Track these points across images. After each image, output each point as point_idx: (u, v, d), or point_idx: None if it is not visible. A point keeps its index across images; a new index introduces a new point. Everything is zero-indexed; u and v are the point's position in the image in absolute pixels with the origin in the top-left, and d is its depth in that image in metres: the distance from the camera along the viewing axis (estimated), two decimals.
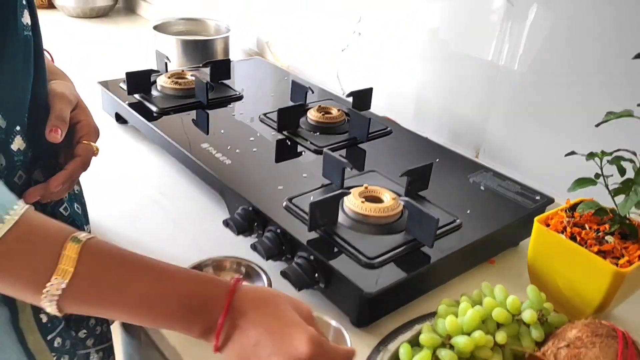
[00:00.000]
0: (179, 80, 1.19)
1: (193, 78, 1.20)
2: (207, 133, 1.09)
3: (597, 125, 0.75)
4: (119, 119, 1.23)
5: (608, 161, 0.75)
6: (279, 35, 1.63)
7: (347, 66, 1.43)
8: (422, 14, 1.23)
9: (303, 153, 1.03)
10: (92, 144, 0.70)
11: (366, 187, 0.86)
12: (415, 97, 1.29)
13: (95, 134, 0.72)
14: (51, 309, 0.49)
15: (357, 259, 0.74)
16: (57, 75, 0.74)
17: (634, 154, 0.75)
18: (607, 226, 0.76)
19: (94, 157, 0.70)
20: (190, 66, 1.39)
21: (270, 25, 1.65)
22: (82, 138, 0.69)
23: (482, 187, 0.95)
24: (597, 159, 0.76)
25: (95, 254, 0.51)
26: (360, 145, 1.07)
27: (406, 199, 0.81)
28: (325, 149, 0.92)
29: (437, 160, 1.01)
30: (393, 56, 1.31)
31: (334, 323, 0.71)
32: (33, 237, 0.49)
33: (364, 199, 0.83)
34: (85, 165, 0.69)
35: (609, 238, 0.76)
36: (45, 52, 0.66)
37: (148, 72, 1.18)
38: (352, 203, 0.82)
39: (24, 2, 0.59)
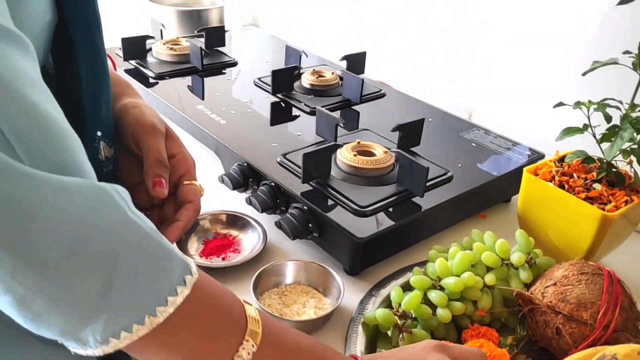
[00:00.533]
0: (174, 47, 1.20)
1: (188, 44, 1.21)
2: (203, 98, 1.10)
3: (584, 74, 0.76)
4: None
5: (594, 109, 0.77)
6: (273, 6, 1.64)
7: (341, 34, 1.44)
8: None
9: (297, 115, 1.04)
10: (196, 183, 0.61)
11: (358, 142, 0.87)
12: (409, 64, 1.30)
13: (194, 168, 0.62)
14: None
15: (349, 207, 0.76)
16: (124, 88, 0.64)
17: (620, 102, 0.76)
18: (594, 174, 0.78)
19: None
20: (185, 35, 1.40)
21: None
22: (184, 177, 0.60)
23: (473, 144, 0.96)
24: (584, 108, 0.77)
25: (266, 319, 0.46)
26: (353, 107, 1.08)
27: (398, 150, 0.83)
28: (318, 107, 0.93)
29: (430, 120, 1.03)
30: (387, 24, 1.32)
31: (325, 268, 0.73)
32: (216, 295, 0.43)
33: (356, 153, 0.84)
34: (198, 211, 0.60)
35: (596, 185, 0.77)
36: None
37: (143, 38, 1.18)
38: (345, 156, 0.83)
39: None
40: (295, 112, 1.05)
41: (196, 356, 0.41)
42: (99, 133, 0.51)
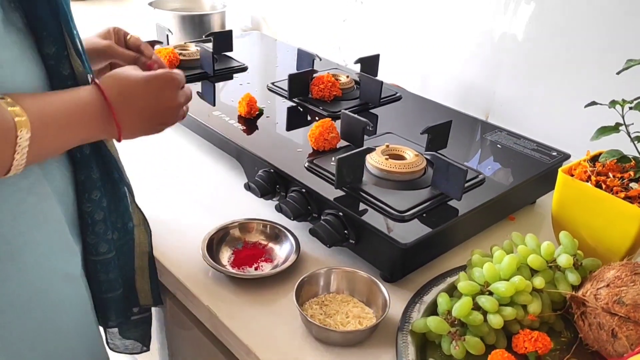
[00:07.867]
0: (183, 52, 1.17)
1: (197, 49, 1.18)
2: (214, 104, 1.07)
3: (618, 73, 0.75)
4: None
5: (630, 108, 0.76)
6: (275, 9, 1.61)
7: (349, 38, 1.42)
8: None
9: (316, 119, 1.01)
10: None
11: (387, 146, 0.85)
12: (421, 66, 1.29)
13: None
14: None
15: (387, 213, 0.74)
16: None
17: None
18: (631, 173, 0.77)
19: None
20: (191, 40, 1.36)
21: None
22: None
23: (498, 146, 0.95)
24: (618, 107, 0.76)
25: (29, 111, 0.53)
26: (372, 111, 1.06)
27: (431, 153, 0.81)
28: (343, 110, 0.91)
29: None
30: (397, 25, 1.30)
31: (368, 276, 0.71)
32: None
33: (387, 156, 0.82)
34: None
35: (633, 185, 0.76)
36: None
37: (152, 43, 1.14)
38: (376, 160, 0.81)
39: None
40: (312, 116, 1.03)
41: None
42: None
